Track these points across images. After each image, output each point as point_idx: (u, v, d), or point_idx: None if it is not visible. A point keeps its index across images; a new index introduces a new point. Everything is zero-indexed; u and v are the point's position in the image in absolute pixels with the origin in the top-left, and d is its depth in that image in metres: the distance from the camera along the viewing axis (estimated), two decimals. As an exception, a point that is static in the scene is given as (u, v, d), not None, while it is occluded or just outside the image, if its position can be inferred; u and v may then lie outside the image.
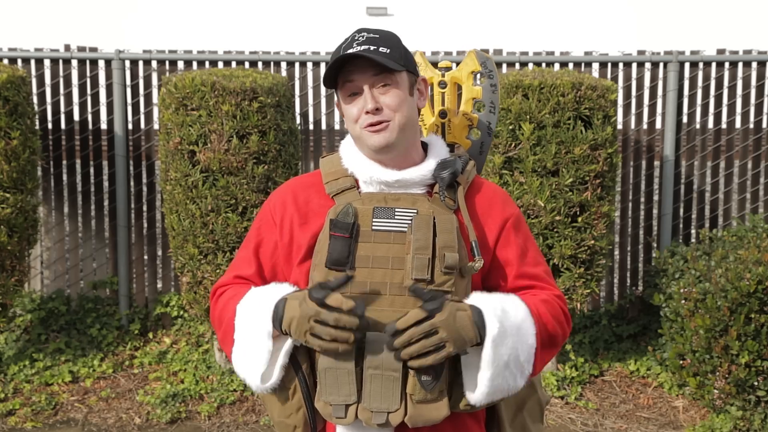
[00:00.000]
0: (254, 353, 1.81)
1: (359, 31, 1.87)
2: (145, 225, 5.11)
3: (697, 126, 5.16)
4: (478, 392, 1.76)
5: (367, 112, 1.82)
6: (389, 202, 1.85)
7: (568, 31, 8.37)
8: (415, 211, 1.83)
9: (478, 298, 1.79)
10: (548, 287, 1.92)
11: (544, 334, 1.83)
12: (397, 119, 1.83)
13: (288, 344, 1.81)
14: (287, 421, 1.87)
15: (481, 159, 2.20)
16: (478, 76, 2.20)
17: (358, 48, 1.81)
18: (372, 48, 1.81)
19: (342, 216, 1.82)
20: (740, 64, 5.14)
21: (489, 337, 1.73)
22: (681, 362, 4.00)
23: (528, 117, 4.17)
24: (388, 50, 1.82)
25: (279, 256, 1.92)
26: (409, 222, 1.82)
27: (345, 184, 1.89)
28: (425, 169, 1.88)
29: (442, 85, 2.19)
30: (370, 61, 1.81)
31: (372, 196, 1.86)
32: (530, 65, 5.02)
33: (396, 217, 1.83)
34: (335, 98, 1.94)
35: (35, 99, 5.01)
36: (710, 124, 5.19)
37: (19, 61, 5.04)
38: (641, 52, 5.22)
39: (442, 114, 2.17)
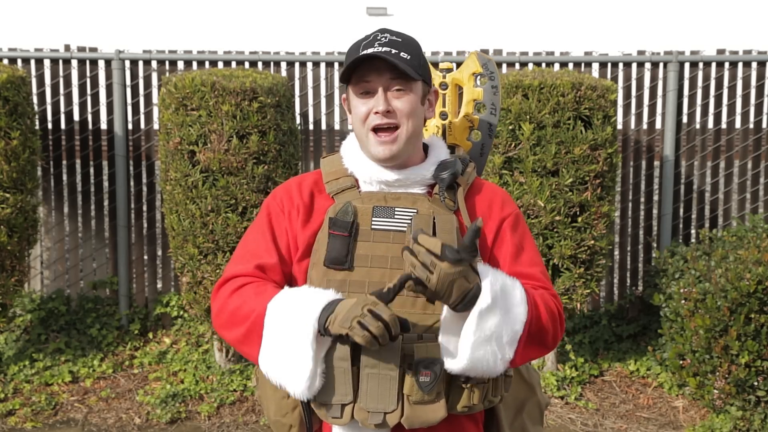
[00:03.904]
0: (296, 361, 1.73)
1: (382, 31, 1.86)
2: (145, 225, 5.11)
3: (697, 126, 5.15)
4: (458, 360, 1.72)
5: (377, 113, 1.81)
6: (389, 201, 1.84)
7: (568, 31, 8.37)
8: (415, 210, 1.83)
9: (483, 270, 1.74)
10: (543, 287, 1.89)
11: (534, 325, 1.78)
12: (406, 128, 1.83)
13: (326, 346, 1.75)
14: (283, 420, 1.86)
15: (482, 160, 2.20)
16: (479, 77, 2.20)
17: (380, 49, 1.80)
18: (393, 51, 1.80)
19: (341, 214, 1.81)
20: (740, 64, 5.14)
21: (477, 308, 1.70)
22: (681, 362, 4.00)
23: (528, 117, 4.17)
24: (409, 57, 1.82)
25: (291, 246, 1.89)
26: (409, 221, 1.81)
27: (345, 183, 1.89)
28: (425, 169, 1.88)
29: (443, 86, 2.20)
30: (390, 65, 1.80)
31: (372, 195, 1.86)
32: (530, 65, 5.02)
33: (396, 216, 1.83)
34: (342, 95, 1.93)
35: (35, 99, 5.00)
36: (710, 124, 5.19)
37: (19, 61, 5.03)
38: (641, 52, 5.22)
39: (443, 115, 2.17)
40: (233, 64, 5.06)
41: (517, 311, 1.75)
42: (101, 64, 5.06)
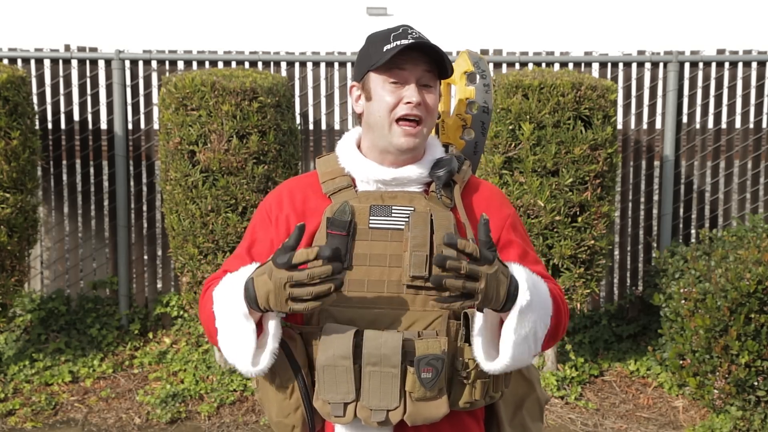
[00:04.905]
0: (239, 338, 1.76)
1: (407, 26, 1.86)
2: (145, 225, 5.11)
3: (697, 126, 5.16)
4: (500, 360, 1.74)
5: (408, 103, 1.81)
6: (386, 200, 1.85)
7: (568, 31, 8.37)
8: (412, 208, 1.83)
9: (514, 268, 1.76)
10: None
11: (555, 318, 1.81)
12: (427, 124, 1.85)
13: (273, 326, 1.76)
14: (285, 421, 1.86)
15: (476, 159, 2.20)
16: (471, 76, 2.20)
17: (415, 41, 1.80)
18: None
19: (339, 214, 1.81)
20: (740, 64, 5.14)
21: (517, 307, 1.71)
22: (681, 362, 4.00)
23: (528, 117, 4.17)
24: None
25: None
26: (406, 219, 1.81)
27: (342, 183, 1.88)
28: (422, 167, 1.88)
29: None
30: (425, 56, 1.81)
31: (369, 194, 1.86)
32: (530, 65, 5.02)
33: (393, 214, 1.83)
34: (352, 83, 1.92)
35: (35, 99, 5.00)
36: (710, 124, 5.19)
37: (19, 61, 5.04)
38: (641, 52, 5.22)
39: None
40: (233, 64, 5.06)
41: (546, 305, 1.78)
42: (101, 64, 5.06)
